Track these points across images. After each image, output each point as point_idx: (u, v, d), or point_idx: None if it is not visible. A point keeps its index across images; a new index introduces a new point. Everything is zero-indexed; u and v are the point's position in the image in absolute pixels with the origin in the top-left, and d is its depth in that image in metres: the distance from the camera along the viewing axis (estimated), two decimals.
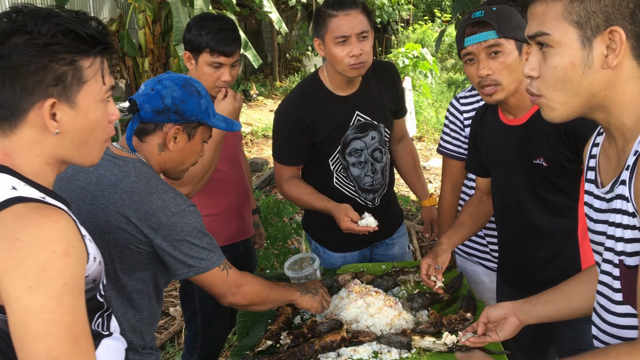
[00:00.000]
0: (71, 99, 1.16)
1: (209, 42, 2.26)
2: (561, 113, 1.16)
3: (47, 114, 1.14)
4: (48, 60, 1.12)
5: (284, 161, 2.48)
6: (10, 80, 1.12)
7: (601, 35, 1.08)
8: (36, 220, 1.07)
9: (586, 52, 1.09)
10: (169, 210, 1.59)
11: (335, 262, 2.59)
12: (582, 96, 1.12)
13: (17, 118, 1.15)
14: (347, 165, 2.46)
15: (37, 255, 1.04)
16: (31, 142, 1.16)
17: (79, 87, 1.16)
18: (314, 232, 2.67)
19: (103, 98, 1.21)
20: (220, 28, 2.28)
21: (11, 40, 1.11)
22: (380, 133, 2.49)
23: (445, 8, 18.11)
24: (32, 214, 1.08)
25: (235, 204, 2.58)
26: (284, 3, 13.42)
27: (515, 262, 2.06)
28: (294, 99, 2.43)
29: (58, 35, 1.12)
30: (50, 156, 1.19)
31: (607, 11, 1.07)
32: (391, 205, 2.66)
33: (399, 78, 2.60)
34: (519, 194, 1.95)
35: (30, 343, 1.04)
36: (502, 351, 1.79)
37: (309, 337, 1.86)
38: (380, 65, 2.52)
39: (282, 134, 2.46)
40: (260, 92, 12.76)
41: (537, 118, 1.88)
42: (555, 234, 1.92)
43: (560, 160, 1.83)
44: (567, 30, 1.09)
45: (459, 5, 4.21)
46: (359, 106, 2.42)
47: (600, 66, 1.09)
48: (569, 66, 1.10)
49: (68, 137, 1.18)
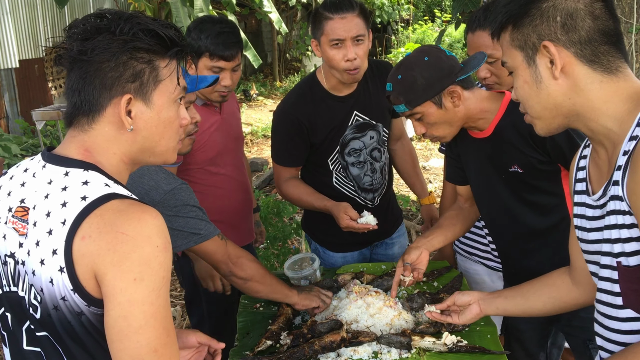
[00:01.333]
0: (146, 97, 1.20)
1: (208, 45, 2.23)
2: (542, 126, 1.27)
3: (123, 109, 1.18)
4: (128, 57, 1.17)
5: (282, 162, 2.48)
6: (91, 76, 1.17)
7: (539, 52, 1.19)
8: (138, 216, 1.10)
9: (532, 69, 1.21)
10: (161, 189, 1.64)
11: (335, 262, 2.59)
12: (548, 108, 1.22)
13: (95, 113, 1.19)
14: (347, 165, 2.46)
15: (142, 249, 1.08)
16: (108, 139, 1.21)
17: (155, 86, 1.21)
18: (313, 232, 2.66)
19: (175, 99, 1.25)
20: (220, 31, 2.24)
21: (95, 38, 1.16)
22: (379, 133, 2.49)
23: (445, 8, 18.10)
24: (131, 209, 1.11)
25: (240, 210, 2.57)
26: (284, 3, 13.42)
27: (517, 265, 2.06)
28: (292, 100, 2.43)
29: (139, 33, 1.17)
30: (125, 154, 1.23)
31: (538, 30, 1.18)
32: (390, 205, 2.66)
33: None
34: (505, 200, 1.96)
35: (132, 334, 1.07)
36: (502, 351, 1.79)
37: (309, 337, 1.86)
38: (378, 65, 2.52)
39: (280, 135, 2.45)
40: (260, 92, 12.76)
41: (501, 128, 1.91)
42: (549, 231, 1.93)
43: (533, 164, 1.85)
44: (515, 55, 1.23)
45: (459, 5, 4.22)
46: (357, 106, 2.42)
47: (550, 78, 1.19)
48: (524, 85, 1.24)
49: (141, 135, 1.22)
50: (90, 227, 1.09)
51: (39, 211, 1.16)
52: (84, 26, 1.18)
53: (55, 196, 1.15)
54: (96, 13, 1.21)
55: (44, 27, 8.88)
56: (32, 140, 7.39)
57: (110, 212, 1.10)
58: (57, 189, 1.15)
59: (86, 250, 1.08)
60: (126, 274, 1.07)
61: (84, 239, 1.08)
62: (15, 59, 8.07)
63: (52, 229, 1.12)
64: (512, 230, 2.00)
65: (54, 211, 1.13)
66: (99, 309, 1.11)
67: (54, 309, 1.14)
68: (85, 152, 1.20)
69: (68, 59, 1.19)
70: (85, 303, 1.11)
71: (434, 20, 17.48)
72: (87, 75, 1.17)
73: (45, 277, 1.12)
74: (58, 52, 1.20)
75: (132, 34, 1.17)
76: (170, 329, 1.13)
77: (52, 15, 9.12)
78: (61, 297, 1.12)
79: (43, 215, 1.14)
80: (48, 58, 8.97)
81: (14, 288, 1.22)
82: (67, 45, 1.19)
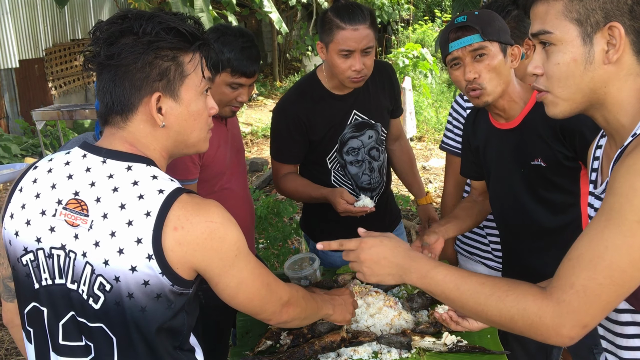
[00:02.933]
0: (175, 93, 1.26)
1: (231, 61, 2.09)
2: (564, 109, 1.18)
3: (153, 107, 1.24)
4: (153, 57, 1.22)
5: (281, 159, 2.49)
6: (120, 78, 1.23)
7: (601, 31, 1.10)
8: (213, 204, 1.26)
9: (587, 48, 1.11)
10: None
11: (335, 262, 2.59)
12: (583, 92, 1.14)
13: (128, 113, 1.26)
14: (345, 164, 2.46)
15: (231, 230, 1.26)
16: (145, 135, 1.28)
17: (181, 81, 1.26)
18: (312, 232, 2.67)
19: (202, 91, 1.31)
20: (243, 46, 2.11)
21: (120, 41, 1.21)
22: (377, 132, 2.49)
23: (445, 8, 18.09)
24: (202, 201, 1.25)
25: (246, 226, 2.49)
26: (284, 3, 13.41)
27: (521, 264, 2.06)
28: (292, 98, 2.44)
29: (161, 32, 1.22)
30: (162, 149, 1.31)
31: (606, 8, 1.09)
32: (389, 205, 2.66)
33: (396, 77, 2.60)
34: (519, 196, 1.95)
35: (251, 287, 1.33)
36: (502, 351, 1.79)
37: (308, 337, 1.86)
38: (378, 65, 2.51)
39: (279, 132, 2.46)
40: (260, 92, 12.75)
41: (530, 120, 1.88)
42: (559, 231, 1.93)
43: (558, 159, 1.84)
44: (568, 28, 1.12)
45: (459, 5, 4.21)
46: (356, 105, 2.43)
47: (602, 62, 1.11)
48: (571, 62, 1.13)
49: (174, 130, 1.29)
50: (179, 219, 1.20)
51: (106, 204, 1.21)
52: (108, 30, 1.23)
53: (126, 189, 1.21)
54: (119, 15, 1.26)
55: (44, 27, 8.88)
56: (32, 140, 7.39)
57: (190, 205, 1.22)
58: (127, 183, 1.22)
59: (183, 239, 1.20)
60: (227, 253, 1.25)
61: (177, 230, 1.20)
62: (15, 59, 8.07)
63: (133, 220, 1.19)
64: (522, 227, 2.00)
65: (129, 203, 1.20)
66: (182, 288, 1.24)
67: (127, 296, 1.20)
68: (130, 147, 1.27)
69: (96, 64, 1.24)
70: (171, 283, 1.22)
71: (434, 20, 17.47)
72: (117, 78, 1.23)
73: (125, 265, 1.19)
74: (85, 55, 1.26)
75: (155, 34, 1.22)
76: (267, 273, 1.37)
77: (52, 15, 9.12)
78: (144, 281, 1.20)
79: (115, 208, 1.20)
80: (48, 58, 8.97)
81: (59, 280, 1.25)
82: (93, 49, 1.24)
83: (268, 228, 4.23)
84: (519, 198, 1.96)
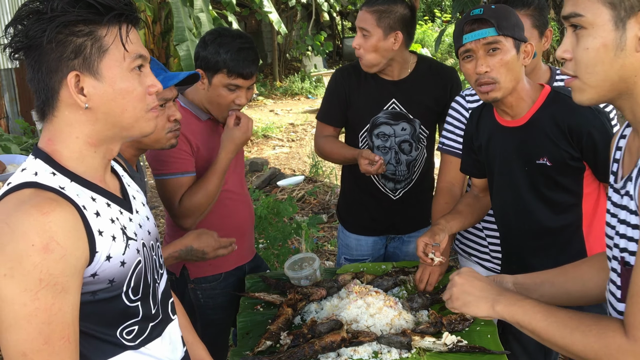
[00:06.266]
0: (94, 70, 1.14)
1: (227, 62, 2.08)
2: (591, 96, 1.13)
3: (72, 87, 1.13)
4: (65, 35, 1.11)
5: (323, 119, 2.72)
6: (37, 62, 1.13)
7: (635, 16, 1.04)
8: (26, 209, 1.05)
9: (619, 33, 1.05)
10: None
11: (350, 244, 2.75)
12: (612, 80, 1.09)
13: (52, 100, 1.16)
14: (372, 147, 2.60)
15: (16, 244, 1.02)
16: (69, 123, 1.16)
17: (100, 57, 1.14)
18: (339, 213, 2.88)
19: (130, 67, 1.18)
20: (240, 47, 2.11)
21: (27, 22, 1.12)
22: (414, 128, 2.58)
23: (445, 8, 18.09)
24: (31, 201, 1.06)
25: (245, 226, 2.48)
26: (284, 3, 13.42)
27: (520, 263, 2.05)
28: (347, 68, 2.67)
29: (66, 7, 1.11)
30: (89, 135, 1.18)
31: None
32: (417, 205, 2.68)
33: (456, 84, 2.62)
34: (522, 194, 1.95)
35: (3, 331, 1.03)
36: (502, 351, 1.79)
37: (309, 337, 1.86)
38: (439, 68, 2.65)
39: (327, 94, 2.71)
40: (260, 92, 12.75)
41: (537, 118, 1.88)
42: (559, 231, 1.92)
43: (564, 159, 1.84)
44: (601, 11, 1.06)
45: (458, 5, 4.22)
46: (397, 95, 2.55)
47: (634, 49, 1.05)
48: (601, 48, 1.07)
49: (101, 111, 1.17)
50: None
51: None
52: (19, 13, 1.12)
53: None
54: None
55: None
56: (32, 140, 7.39)
57: (13, 201, 1.07)
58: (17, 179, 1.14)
59: None
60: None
61: None
62: None
63: None
64: (523, 226, 1.99)
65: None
66: None
67: None
68: (48, 141, 1.18)
69: (15, 51, 1.14)
70: None
71: (434, 20, 17.49)
72: (34, 63, 1.14)
73: None
74: (5, 45, 1.15)
75: (61, 8, 1.10)
76: (53, 337, 1.04)
77: None
78: None
79: None
80: None
81: None
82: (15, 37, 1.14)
83: (268, 228, 4.23)
84: (521, 196, 1.95)
